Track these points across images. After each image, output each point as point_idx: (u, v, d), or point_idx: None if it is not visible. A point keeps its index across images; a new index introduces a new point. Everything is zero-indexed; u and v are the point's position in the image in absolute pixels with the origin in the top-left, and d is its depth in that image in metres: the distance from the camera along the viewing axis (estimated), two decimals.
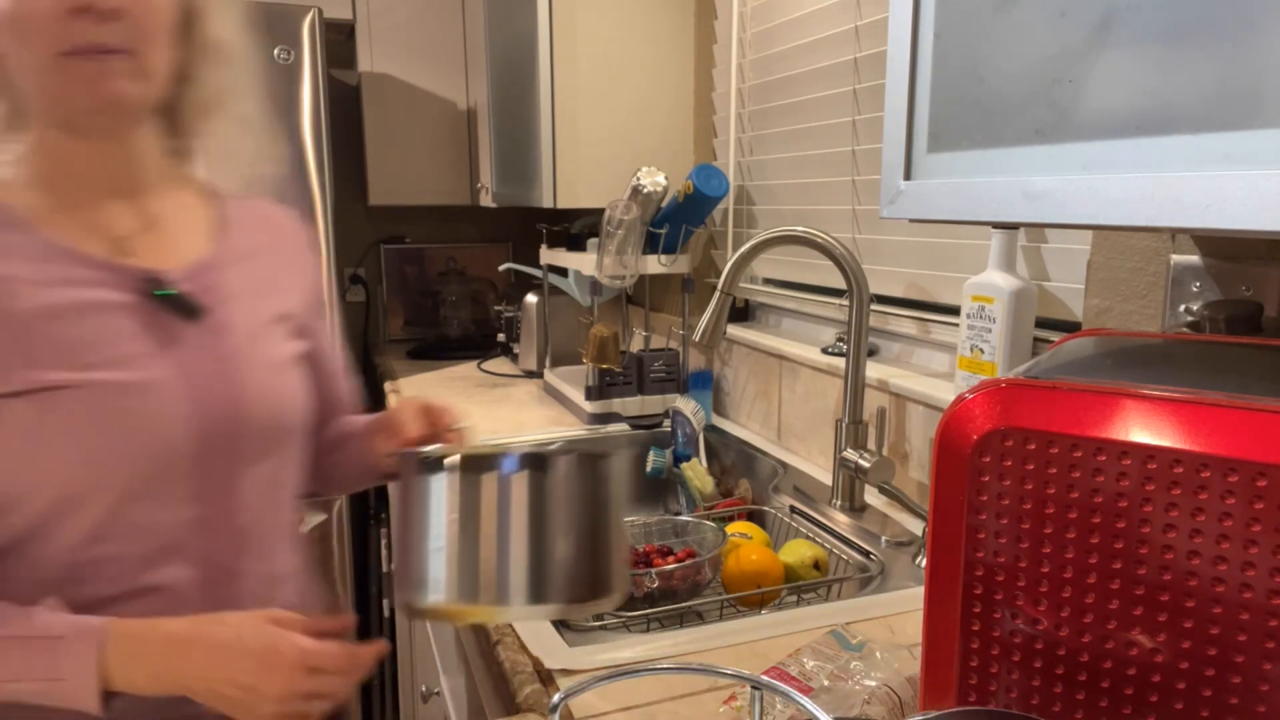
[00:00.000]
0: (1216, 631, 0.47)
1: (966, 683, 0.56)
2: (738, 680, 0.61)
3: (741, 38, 1.74)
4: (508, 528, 0.59)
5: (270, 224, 0.91)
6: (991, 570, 0.54)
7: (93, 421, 0.70)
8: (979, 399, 0.54)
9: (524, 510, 0.59)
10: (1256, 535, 0.45)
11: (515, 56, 1.97)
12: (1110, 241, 0.92)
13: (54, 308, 0.70)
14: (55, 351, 0.69)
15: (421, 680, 1.70)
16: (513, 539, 0.59)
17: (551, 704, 0.55)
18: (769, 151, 1.70)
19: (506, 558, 0.59)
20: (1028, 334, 1.05)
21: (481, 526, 0.59)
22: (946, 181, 0.61)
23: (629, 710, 0.77)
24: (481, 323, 2.76)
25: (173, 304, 0.76)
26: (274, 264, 0.89)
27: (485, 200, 2.41)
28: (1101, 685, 0.51)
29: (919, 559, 1.09)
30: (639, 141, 1.89)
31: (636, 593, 1.02)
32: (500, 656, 0.88)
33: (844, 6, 1.44)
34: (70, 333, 0.70)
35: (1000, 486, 0.53)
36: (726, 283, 1.25)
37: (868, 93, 1.38)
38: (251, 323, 0.82)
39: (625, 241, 1.72)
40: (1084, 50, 0.50)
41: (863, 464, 1.20)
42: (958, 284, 1.10)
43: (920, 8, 0.62)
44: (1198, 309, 0.81)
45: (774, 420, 1.64)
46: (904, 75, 0.63)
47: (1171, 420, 0.48)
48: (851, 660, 0.76)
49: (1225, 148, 0.44)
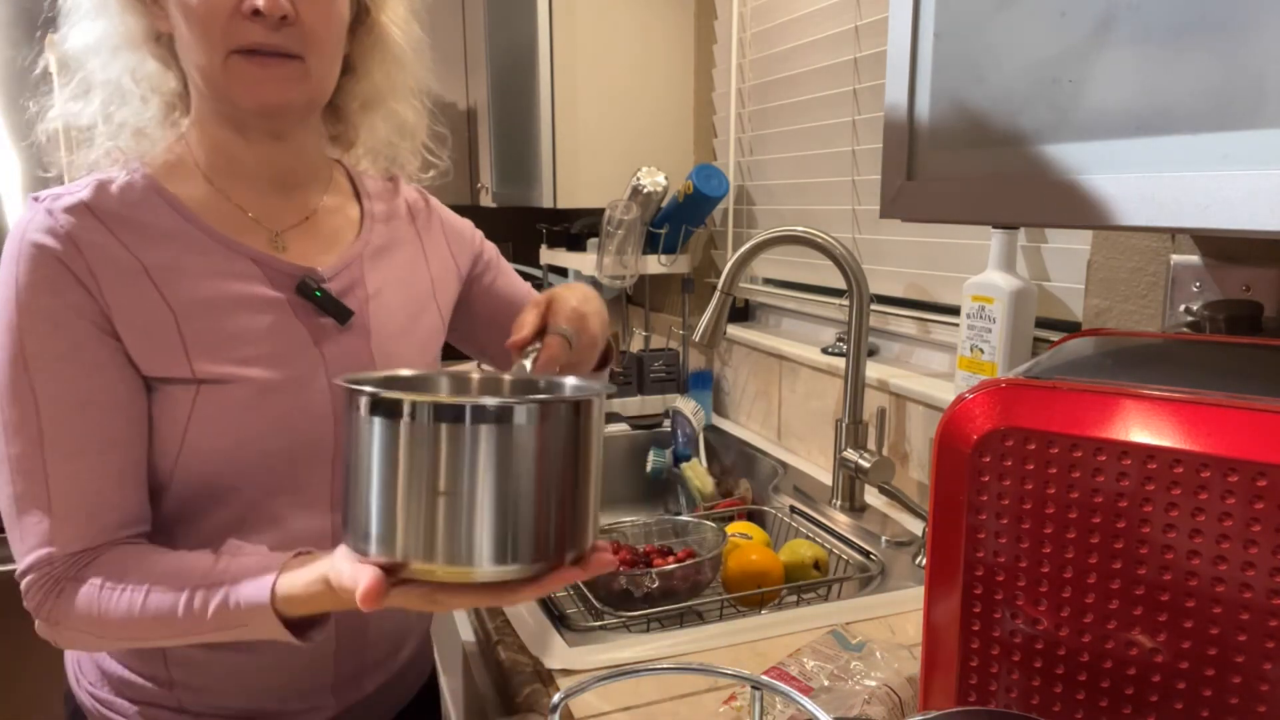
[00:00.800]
0: (1216, 631, 0.47)
1: (966, 683, 0.56)
2: (738, 680, 0.61)
3: (741, 38, 1.74)
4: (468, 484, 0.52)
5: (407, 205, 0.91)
6: (991, 570, 0.54)
7: (240, 416, 0.71)
8: (979, 399, 0.54)
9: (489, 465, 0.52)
10: (1256, 535, 0.45)
11: (515, 56, 1.97)
12: (1110, 241, 0.92)
13: (213, 300, 0.71)
14: (212, 343, 0.71)
15: None
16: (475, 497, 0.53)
17: (551, 704, 0.55)
18: (769, 151, 1.70)
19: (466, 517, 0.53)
20: (1028, 334, 1.05)
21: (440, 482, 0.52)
22: (946, 181, 0.61)
23: (629, 710, 0.77)
24: None
25: (324, 305, 0.77)
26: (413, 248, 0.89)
27: (485, 200, 2.41)
28: (1101, 685, 0.51)
29: (919, 559, 1.09)
30: (639, 141, 1.89)
31: (636, 592, 1.02)
32: (500, 656, 0.88)
33: (844, 6, 1.44)
34: (227, 326, 0.72)
35: (1000, 486, 0.53)
36: (726, 283, 1.25)
37: (868, 93, 1.38)
38: (394, 317, 0.83)
39: (625, 241, 1.72)
40: (1084, 50, 0.50)
41: (863, 464, 1.20)
42: (958, 284, 1.10)
43: (920, 8, 0.62)
44: (1198, 309, 0.81)
45: (774, 420, 1.64)
46: (904, 75, 0.63)
47: (1171, 420, 0.48)
48: (851, 660, 0.76)
49: (1225, 148, 0.44)
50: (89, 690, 0.80)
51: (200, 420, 0.70)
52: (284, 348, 0.74)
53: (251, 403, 0.72)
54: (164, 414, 0.70)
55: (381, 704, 0.89)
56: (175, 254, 0.71)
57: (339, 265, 0.80)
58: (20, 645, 1.97)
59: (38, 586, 0.67)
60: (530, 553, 0.55)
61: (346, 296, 0.79)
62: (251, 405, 0.72)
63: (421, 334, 0.86)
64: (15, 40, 1.81)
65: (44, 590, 0.67)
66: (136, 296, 0.69)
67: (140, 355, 0.69)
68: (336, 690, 0.83)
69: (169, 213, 0.72)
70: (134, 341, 0.68)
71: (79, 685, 0.82)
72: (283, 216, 0.79)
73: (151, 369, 0.69)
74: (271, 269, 0.75)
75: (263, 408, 0.72)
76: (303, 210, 0.81)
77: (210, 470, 0.72)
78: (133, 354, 0.68)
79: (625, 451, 1.70)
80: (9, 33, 1.80)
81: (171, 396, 0.70)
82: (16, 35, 1.81)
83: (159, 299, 0.69)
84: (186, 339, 0.70)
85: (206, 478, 0.72)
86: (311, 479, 0.75)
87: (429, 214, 0.94)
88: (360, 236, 0.84)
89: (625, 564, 1.10)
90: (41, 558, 0.67)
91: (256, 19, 0.68)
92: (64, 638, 0.68)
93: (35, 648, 1.97)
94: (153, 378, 0.69)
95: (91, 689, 0.80)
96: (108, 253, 0.68)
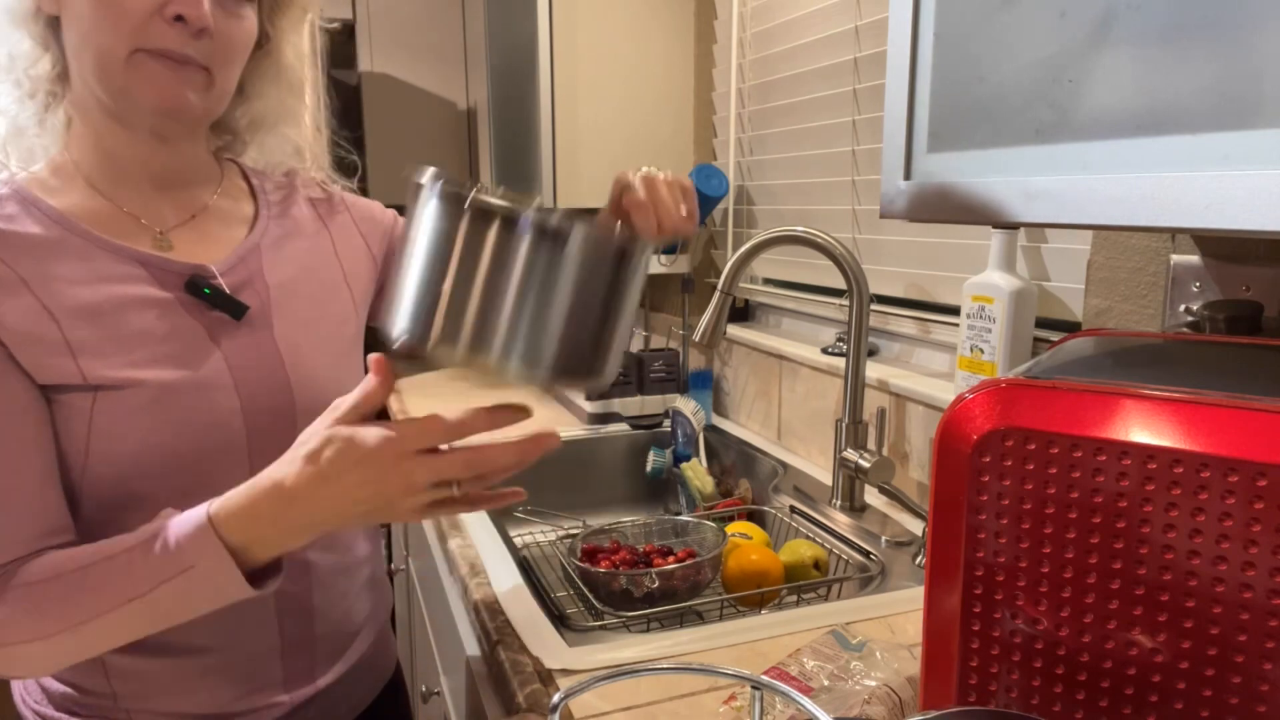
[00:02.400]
0: (1216, 631, 0.47)
1: (966, 683, 0.56)
2: (738, 680, 0.61)
3: (741, 38, 1.74)
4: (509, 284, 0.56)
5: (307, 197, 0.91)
6: (991, 570, 0.54)
7: (141, 420, 0.70)
8: (979, 399, 0.54)
9: (533, 271, 0.56)
10: (1256, 535, 0.45)
11: (515, 56, 1.97)
12: (1110, 241, 0.92)
13: (99, 305, 0.70)
14: (102, 348, 0.69)
15: (421, 680, 1.71)
16: (512, 295, 0.56)
17: (551, 704, 0.55)
18: (769, 151, 1.70)
19: (500, 311, 0.56)
20: (1028, 334, 1.05)
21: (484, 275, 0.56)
22: (946, 181, 0.61)
23: (629, 710, 0.77)
24: None
25: (215, 300, 0.75)
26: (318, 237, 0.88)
27: None
28: (1101, 685, 0.51)
29: (919, 559, 1.09)
30: (639, 141, 1.89)
31: (636, 592, 1.02)
32: (500, 656, 0.88)
33: (844, 6, 1.44)
34: (117, 329, 0.70)
35: (1000, 486, 0.53)
36: (726, 283, 1.25)
37: (868, 93, 1.38)
38: (299, 308, 0.82)
39: None
40: (1084, 50, 0.50)
41: (863, 464, 1.20)
42: (958, 284, 1.10)
43: (920, 8, 0.62)
44: (1198, 309, 0.81)
45: (774, 420, 1.64)
46: (904, 75, 0.63)
47: (1171, 420, 0.48)
48: (851, 660, 0.76)
49: (1225, 148, 0.44)
50: (34, 709, 0.79)
51: (101, 427, 0.68)
52: (180, 348, 0.73)
53: (151, 406, 0.70)
54: (65, 425, 0.68)
55: (340, 702, 0.88)
56: (52, 262, 0.69)
57: (233, 260, 0.79)
58: None
59: None
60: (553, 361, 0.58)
61: (243, 291, 0.78)
62: (152, 408, 0.70)
63: (332, 322, 0.85)
64: None
65: None
66: (17, 308, 0.66)
67: (31, 365, 0.67)
68: (288, 686, 0.82)
69: (41, 219, 0.70)
70: (22, 352, 0.66)
71: (25, 705, 0.80)
72: (166, 216, 0.77)
73: (44, 377, 0.67)
74: (158, 269, 0.74)
75: (164, 410, 0.71)
76: (189, 209, 0.79)
77: (118, 477, 0.70)
78: (26, 364, 0.66)
79: (625, 451, 1.70)
80: None
81: (69, 406, 0.68)
82: None
83: (40, 308, 0.67)
84: (73, 345, 0.68)
85: (115, 486, 0.70)
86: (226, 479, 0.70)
87: (332, 202, 0.93)
88: (255, 229, 0.83)
89: (625, 564, 1.10)
90: None
91: (175, 24, 0.67)
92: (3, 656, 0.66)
93: None
94: (46, 386, 0.67)
95: (37, 707, 0.79)
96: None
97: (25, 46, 0.71)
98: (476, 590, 1.04)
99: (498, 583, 1.05)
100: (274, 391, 0.77)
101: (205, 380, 0.73)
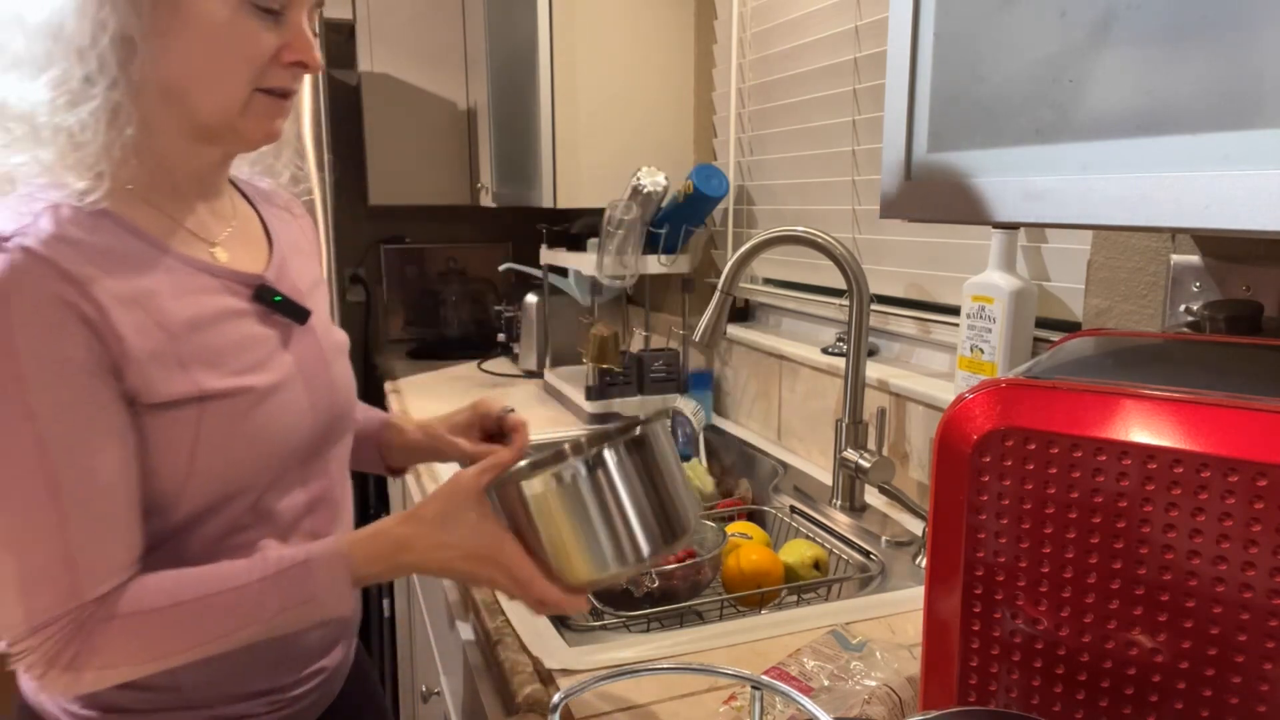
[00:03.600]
0: (1216, 631, 0.47)
1: (966, 683, 0.56)
2: (738, 680, 0.61)
3: (741, 38, 1.74)
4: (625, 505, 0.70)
5: (288, 209, 0.93)
6: (991, 570, 0.54)
7: (243, 425, 0.73)
8: (979, 399, 0.54)
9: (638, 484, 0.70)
10: (1256, 535, 0.45)
11: (515, 56, 1.97)
12: (1110, 241, 0.92)
13: (195, 318, 0.72)
14: (207, 359, 0.71)
15: (421, 680, 1.70)
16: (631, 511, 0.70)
17: (551, 704, 0.55)
18: (769, 151, 1.70)
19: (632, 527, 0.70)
20: (1028, 334, 1.05)
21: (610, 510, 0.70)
22: (946, 181, 0.61)
23: (629, 710, 0.77)
24: (481, 323, 2.76)
25: (283, 308, 0.79)
26: (308, 251, 0.92)
27: (485, 200, 2.41)
28: (1101, 685, 0.51)
29: (919, 559, 1.09)
30: (639, 141, 1.89)
31: (636, 592, 1.02)
32: (500, 656, 0.88)
33: (844, 6, 1.44)
34: (213, 340, 0.72)
35: (1000, 486, 0.53)
36: (726, 283, 1.25)
37: (868, 93, 1.38)
38: (321, 314, 0.86)
39: (625, 241, 1.72)
40: (1084, 50, 0.50)
41: (863, 464, 1.20)
42: (958, 284, 1.10)
43: (920, 8, 0.62)
44: (1198, 309, 0.81)
45: (774, 420, 1.64)
46: (904, 75, 0.63)
47: (1171, 420, 0.48)
48: (851, 660, 0.76)
49: (1225, 148, 0.44)
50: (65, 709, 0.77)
51: (207, 436, 0.71)
52: (263, 355, 0.76)
53: (250, 411, 0.73)
54: (166, 438, 0.69)
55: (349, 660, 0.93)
56: (147, 277, 0.70)
57: (276, 268, 0.82)
58: None
59: (54, 641, 0.65)
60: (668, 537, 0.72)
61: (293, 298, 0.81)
62: (250, 413, 0.73)
63: (329, 322, 0.89)
64: None
65: (63, 641, 0.65)
66: (134, 325, 0.67)
67: (146, 383, 0.68)
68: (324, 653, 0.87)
69: (123, 234, 0.70)
70: (139, 370, 0.67)
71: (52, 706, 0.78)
72: (212, 228, 0.79)
73: (156, 395, 0.68)
74: (228, 279, 0.76)
75: (260, 414, 0.74)
76: (225, 219, 0.81)
77: (219, 481, 0.72)
78: (138, 383, 0.67)
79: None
80: None
81: (175, 420, 0.69)
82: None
83: (153, 324, 0.68)
84: (185, 359, 0.70)
85: (214, 490, 0.72)
86: (297, 472, 0.80)
87: (289, 205, 0.95)
88: (273, 237, 0.85)
89: None
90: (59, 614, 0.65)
91: (293, 67, 0.72)
92: (86, 679, 0.66)
93: None
94: (156, 404, 0.68)
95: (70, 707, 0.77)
96: (100, 285, 0.66)
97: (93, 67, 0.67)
98: (476, 590, 1.04)
99: None
100: (326, 390, 0.82)
101: (285, 383, 0.77)
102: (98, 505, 0.66)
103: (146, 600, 0.67)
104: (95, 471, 0.65)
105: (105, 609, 0.66)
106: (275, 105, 0.73)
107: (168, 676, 0.76)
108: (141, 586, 0.67)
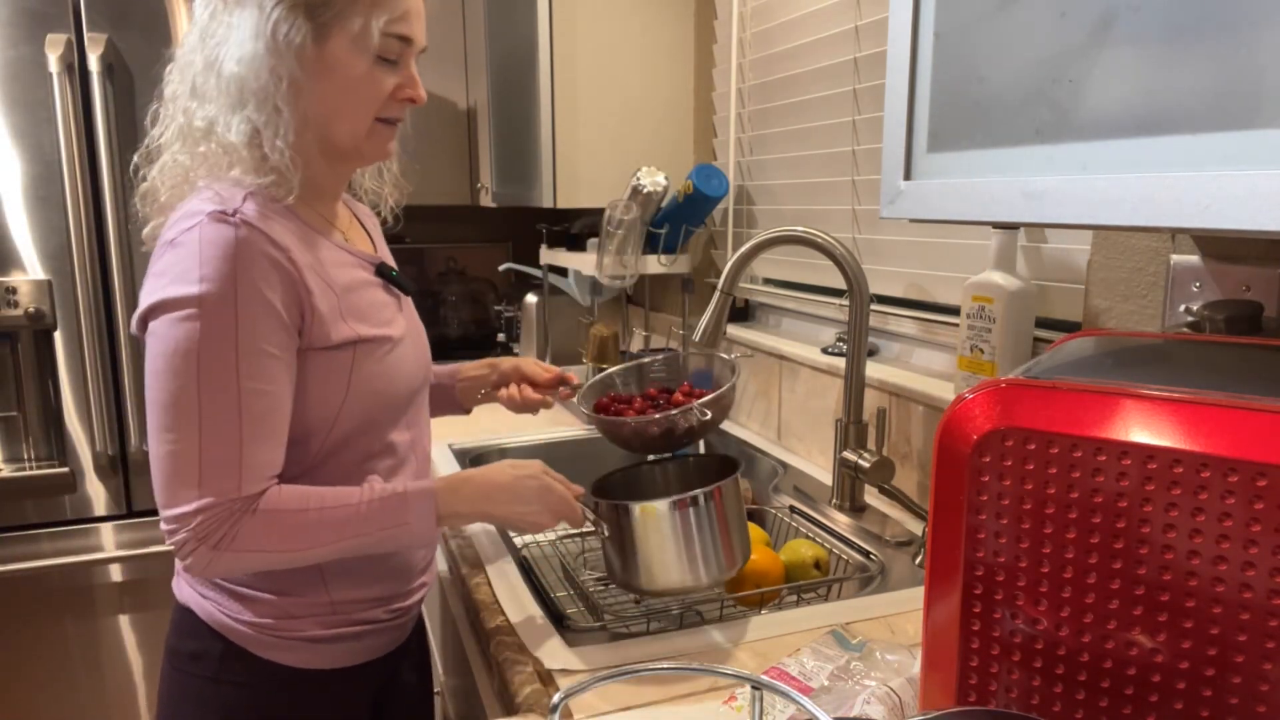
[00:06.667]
0: (1216, 631, 0.47)
1: (966, 683, 0.56)
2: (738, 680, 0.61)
3: (741, 38, 1.74)
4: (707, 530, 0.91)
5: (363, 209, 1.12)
6: (991, 570, 0.54)
7: (382, 366, 0.93)
8: (979, 399, 0.54)
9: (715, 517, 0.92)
10: (1256, 535, 0.45)
11: (515, 56, 1.97)
12: (1110, 241, 0.92)
13: (349, 284, 0.92)
14: (360, 315, 0.92)
15: None
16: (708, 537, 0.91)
17: (551, 704, 0.55)
18: (769, 151, 1.70)
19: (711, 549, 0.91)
20: (1028, 334, 1.05)
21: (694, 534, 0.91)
22: (946, 181, 0.61)
23: (629, 710, 0.77)
24: (481, 323, 2.75)
25: (397, 283, 1.01)
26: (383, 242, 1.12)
27: (485, 200, 2.41)
28: (1101, 685, 0.51)
29: (919, 559, 1.09)
30: (639, 141, 1.89)
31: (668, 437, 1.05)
32: (500, 656, 0.88)
33: (844, 6, 1.44)
34: (361, 301, 0.93)
35: (1000, 486, 0.53)
36: (726, 283, 1.25)
37: (868, 93, 1.38)
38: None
39: (625, 241, 1.72)
40: (1084, 50, 0.50)
41: (863, 464, 1.20)
42: (958, 284, 1.10)
43: (920, 8, 0.62)
44: (1198, 309, 0.81)
45: (774, 420, 1.64)
46: (904, 75, 0.63)
47: (1171, 420, 0.48)
48: (851, 660, 0.76)
49: (1225, 148, 0.44)
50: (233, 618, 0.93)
51: (359, 373, 0.90)
52: (391, 314, 0.97)
53: (387, 357, 0.93)
54: (329, 374, 0.89)
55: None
56: (317, 252, 0.90)
57: (381, 252, 1.05)
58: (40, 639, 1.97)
59: (215, 519, 0.81)
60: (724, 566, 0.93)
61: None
62: (387, 359, 0.93)
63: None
64: (15, 40, 1.80)
65: (219, 521, 0.81)
66: (317, 285, 0.87)
67: (322, 329, 0.87)
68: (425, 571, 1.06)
69: (297, 221, 0.90)
70: (319, 319, 0.87)
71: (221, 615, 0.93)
72: (341, 219, 1.00)
73: (328, 340, 0.87)
74: (360, 258, 0.97)
75: (394, 359, 0.94)
76: (345, 214, 1.02)
77: (364, 410, 0.91)
78: (316, 331, 0.87)
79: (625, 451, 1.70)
80: (9, 32, 1.80)
81: (337, 360, 0.89)
82: (16, 35, 1.80)
83: (325, 285, 0.88)
84: (345, 313, 0.90)
85: (361, 416, 0.91)
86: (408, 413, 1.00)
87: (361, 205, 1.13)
88: (368, 228, 1.07)
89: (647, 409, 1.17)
90: (222, 500, 0.81)
91: (407, 102, 0.92)
92: (223, 560, 0.83)
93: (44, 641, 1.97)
94: (326, 347, 0.87)
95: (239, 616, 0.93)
96: (295, 253, 0.85)
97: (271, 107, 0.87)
98: (476, 590, 1.04)
99: (498, 583, 1.05)
100: (423, 348, 1.04)
101: (405, 337, 0.98)
102: (267, 423, 0.84)
103: (282, 503, 0.85)
104: (271, 396, 0.84)
105: (252, 504, 0.83)
106: (390, 131, 0.94)
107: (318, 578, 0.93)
108: (279, 492, 0.85)
